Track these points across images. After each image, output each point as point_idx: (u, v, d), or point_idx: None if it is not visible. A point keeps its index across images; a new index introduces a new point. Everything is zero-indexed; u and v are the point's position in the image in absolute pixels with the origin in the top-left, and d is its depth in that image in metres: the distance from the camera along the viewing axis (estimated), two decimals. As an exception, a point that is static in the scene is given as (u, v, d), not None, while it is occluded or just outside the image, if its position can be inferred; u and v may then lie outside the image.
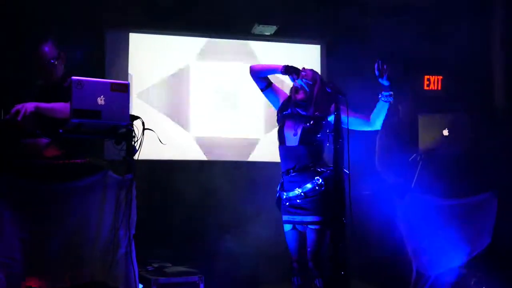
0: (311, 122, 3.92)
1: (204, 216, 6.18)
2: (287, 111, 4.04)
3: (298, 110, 4.00)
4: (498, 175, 5.01)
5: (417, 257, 4.51)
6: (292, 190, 3.92)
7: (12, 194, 3.27)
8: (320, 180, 3.84)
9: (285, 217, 3.99)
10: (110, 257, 3.40)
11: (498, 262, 4.46)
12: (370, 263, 5.30)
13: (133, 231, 3.45)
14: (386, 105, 3.90)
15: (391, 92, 3.90)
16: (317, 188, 3.84)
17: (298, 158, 3.92)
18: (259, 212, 5.89)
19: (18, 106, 3.73)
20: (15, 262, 3.26)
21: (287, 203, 3.95)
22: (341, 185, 3.59)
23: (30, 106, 3.73)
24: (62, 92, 4.09)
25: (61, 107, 3.82)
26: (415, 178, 4.83)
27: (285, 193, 3.97)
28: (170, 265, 5.17)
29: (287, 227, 3.98)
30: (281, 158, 4.04)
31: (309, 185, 3.85)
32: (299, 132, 3.93)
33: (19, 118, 3.67)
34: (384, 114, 3.91)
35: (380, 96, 3.92)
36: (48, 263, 3.33)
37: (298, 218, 3.90)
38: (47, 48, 4.11)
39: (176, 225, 6.16)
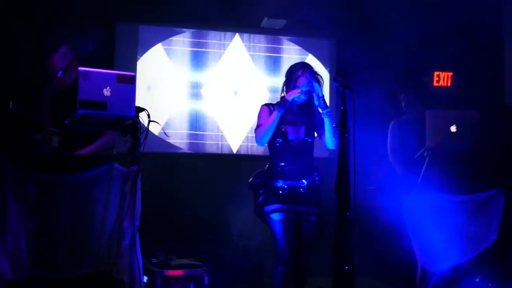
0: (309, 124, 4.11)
1: (210, 208, 6.19)
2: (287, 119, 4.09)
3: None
4: (505, 172, 4.96)
5: (423, 253, 4.48)
6: (293, 180, 4.03)
7: (17, 184, 3.28)
8: (317, 176, 4.10)
9: (278, 206, 4.01)
10: (114, 249, 3.40)
11: (504, 259, 4.42)
12: (375, 258, 5.29)
13: (137, 223, 3.45)
14: (328, 121, 3.98)
15: (328, 109, 3.99)
16: (316, 183, 4.08)
17: (299, 154, 4.07)
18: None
19: None
20: (21, 253, 3.27)
21: (282, 192, 4.00)
22: (346, 180, 3.59)
23: None
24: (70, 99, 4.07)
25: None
26: (422, 173, 4.81)
27: (281, 182, 4.02)
28: (175, 257, 5.17)
29: (280, 216, 3.99)
30: (280, 152, 4.10)
31: (305, 180, 4.05)
32: (300, 131, 4.09)
33: None
34: (330, 130, 3.99)
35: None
36: (53, 254, 3.34)
37: (297, 207, 4.02)
38: (57, 57, 4.11)
39: (182, 217, 6.18)
